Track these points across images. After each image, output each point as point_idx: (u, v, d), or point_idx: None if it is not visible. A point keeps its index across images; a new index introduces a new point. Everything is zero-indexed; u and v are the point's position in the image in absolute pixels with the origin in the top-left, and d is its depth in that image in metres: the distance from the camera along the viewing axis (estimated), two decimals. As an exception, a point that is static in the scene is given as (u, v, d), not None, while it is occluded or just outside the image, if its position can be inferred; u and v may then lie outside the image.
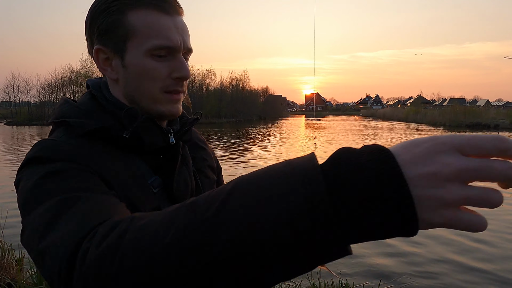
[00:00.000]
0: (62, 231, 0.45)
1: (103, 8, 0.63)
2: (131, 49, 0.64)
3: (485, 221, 0.33)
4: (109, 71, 0.67)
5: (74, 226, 0.45)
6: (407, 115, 47.85)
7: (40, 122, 45.83)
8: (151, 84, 0.66)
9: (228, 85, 59.31)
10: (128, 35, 0.63)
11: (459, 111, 36.71)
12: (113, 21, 0.63)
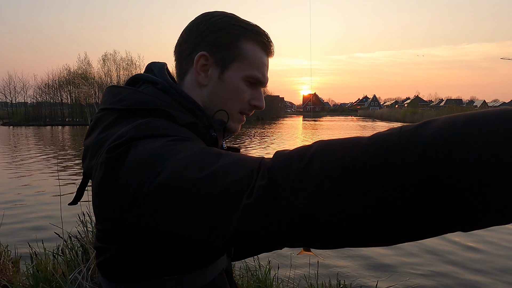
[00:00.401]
0: (233, 158, 0.50)
1: (224, 26, 0.73)
2: (233, 69, 0.74)
3: None
4: (202, 76, 0.74)
5: (245, 156, 0.51)
6: (404, 115, 48.03)
7: (37, 123, 45.63)
8: (235, 103, 0.76)
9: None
10: (237, 57, 0.73)
11: (456, 111, 36.07)
12: (230, 41, 0.72)
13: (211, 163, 0.50)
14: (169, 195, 0.50)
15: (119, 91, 0.71)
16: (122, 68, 50.31)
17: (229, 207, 0.46)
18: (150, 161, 0.54)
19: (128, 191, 0.55)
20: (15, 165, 11.60)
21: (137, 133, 0.60)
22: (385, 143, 0.38)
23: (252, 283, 2.68)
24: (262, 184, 0.44)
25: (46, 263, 2.79)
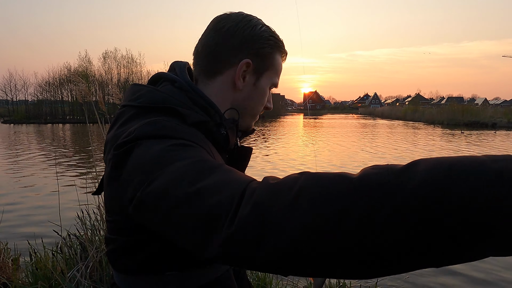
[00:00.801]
0: (222, 177, 0.51)
1: (266, 37, 0.78)
2: (265, 77, 0.80)
3: None
4: (241, 81, 0.77)
5: (238, 174, 0.52)
6: (405, 113, 47.93)
7: (38, 121, 45.63)
8: (260, 106, 0.84)
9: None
10: (269, 67, 0.80)
11: (457, 109, 36.81)
12: (269, 53, 0.79)
13: (202, 178, 0.51)
14: (158, 205, 0.53)
15: (138, 89, 0.75)
16: (123, 66, 50.31)
17: (211, 230, 0.46)
18: (148, 165, 0.57)
19: (127, 190, 0.59)
20: (15, 163, 11.61)
21: (142, 133, 0.62)
22: (375, 187, 0.39)
23: (252, 282, 2.68)
24: (245, 214, 0.43)
25: (45, 261, 2.79)
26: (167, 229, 0.53)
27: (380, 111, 66.48)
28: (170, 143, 0.59)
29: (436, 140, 18.68)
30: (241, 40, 0.76)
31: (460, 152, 13.58)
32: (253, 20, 0.78)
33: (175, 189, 0.51)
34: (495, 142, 17.81)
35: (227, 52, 0.76)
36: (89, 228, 2.62)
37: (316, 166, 10.52)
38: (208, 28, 0.79)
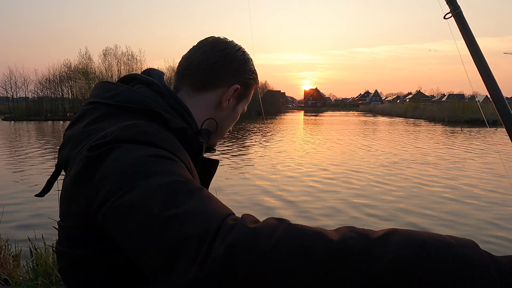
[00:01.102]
0: (198, 205, 0.49)
1: (253, 70, 0.89)
2: (242, 103, 0.90)
3: None
4: (227, 102, 0.84)
5: (215, 204, 0.51)
6: (406, 110, 47.83)
7: (38, 118, 45.61)
8: (229, 128, 0.92)
9: (226, 81, 59.09)
10: (247, 96, 0.90)
11: (458, 106, 36.72)
12: (252, 84, 0.89)
13: (177, 203, 0.49)
14: (127, 219, 0.50)
15: (112, 87, 0.72)
16: (123, 63, 50.22)
17: (177, 261, 0.44)
18: (125, 172, 0.54)
19: (98, 193, 0.56)
20: (15, 160, 11.62)
21: (122, 135, 0.59)
22: (352, 253, 0.42)
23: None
24: (219, 256, 0.42)
25: (46, 257, 2.80)
26: (130, 247, 0.51)
27: (381, 108, 66.33)
28: (151, 152, 0.57)
29: (435, 138, 18.64)
30: (238, 67, 0.84)
31: (457, 150, 13.55)
32: (246, 52, 0.87)
33: (148, 208, 0.49)
34: (494, 139, 17.77)
35: (226, 73, 0.82)
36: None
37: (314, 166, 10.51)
38: (205, 46, 0.83)
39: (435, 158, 11.30)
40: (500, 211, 5.82)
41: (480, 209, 5.94)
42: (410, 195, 6.85)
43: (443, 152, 12.83)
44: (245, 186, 7.62)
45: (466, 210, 5.90)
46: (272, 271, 0.42)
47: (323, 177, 8.51)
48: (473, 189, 7.30)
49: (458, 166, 9.89)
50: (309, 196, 6.83)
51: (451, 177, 8.44)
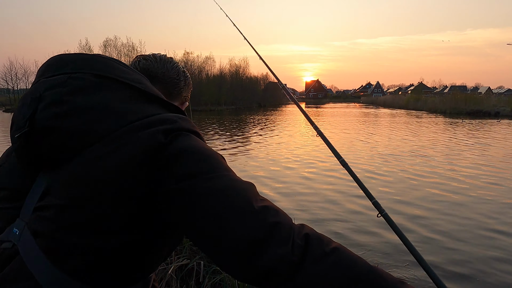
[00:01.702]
0: (273, 205, 0.62)
1: (190, 85, 1.06)
2: (182, 106, 1.04)
3: None
4: (177, 103, 1.01)
5: (284, 216, 0.62)
6: (408, 102, 47.60)
7: (39, 109, 45.52)
8: None
9: (227, 72, 58.85)
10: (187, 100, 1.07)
11: (460, 98, 36.51)
12: (190, 95, 1.08)
13: (261, 198, 0.62)
14: (217, 200, 0.58)
15: (129, 71, 0.76)
16: (123, 54, 49.92)
17: (267, 243, 0.56)
18: (206, 158, 0.63)
19: (171, 171, 0.61)
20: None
21: (186, 125, 0.69)
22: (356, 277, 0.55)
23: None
24: (299, 244, 0.56)
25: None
26: (209, 227, 0.57)
27: (383, 100, 66.05)
28: (213, 150, 0.69)
29: (435, 129, 18.59)
30: (186, 82, 1.03)
31: (456, 141, 13.52)
32: (186, 73, 1.05)
33: (242, 195, 0.60)
34: (497, 130, 17.72)
35: (181, 87, 1.01)
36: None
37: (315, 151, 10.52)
38: (164, 61, 0.97)
39: (432, 150, 11.28)
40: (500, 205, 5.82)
41: (479, 202, 5.95)
42: (406, 186, 6.86)
43: (442, 143, 12.81)
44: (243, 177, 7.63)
45: (460, 200, 5.91)
46: (328, 272, 0.55)
47: (322, 169, 8.52)
48: (472, 181, 7.30)
49: (455, 158, 9.89)
50: (305, 187, 6.84)
51: (450, 169, 8.44)
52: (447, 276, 3.47)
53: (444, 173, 7.97)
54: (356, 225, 4.78)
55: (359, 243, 4.22)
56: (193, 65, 53.58)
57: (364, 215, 5.13)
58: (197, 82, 49.65)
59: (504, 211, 5.38)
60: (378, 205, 1.23)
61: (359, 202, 5.67)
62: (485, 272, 3.56)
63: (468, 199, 5.99)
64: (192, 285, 2.47)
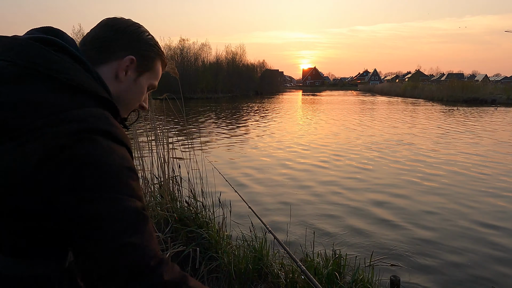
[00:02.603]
0: (149, 241, 0.64)
1: (151, 44, 0.89)
2: (145, 77, 0.89)
3: None
4: (123, 74, 0.84)
5: (154, 243, 0.66)
6: (405, 90, 47.56)
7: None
8: (136, 102, 0.91)
9: (224, 59, 58.19)
10: (150, 69, 0.90)
11: (457, 86, 36.53)
12: (152, 57, 0.89)
13: (136, 231, 0.63)
14: (89, 225, 0.60)
15: (59, 60, 0.70)
16: (118, 41, 49.15)
17: (115, 276, 0.61)
18: (99, 175, 0.62)
19: (63, 182, 0.60)
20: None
21: (96, 126, 0.65)
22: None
23: (249, 253, 2.72)
24: None
25: None
26: (80, 244, 0.61)
27: (380, 87, 65.91)
28: (126, 164, 0.66)
29: (430, 117, 18.64)
30: (129, 39, 0.85)
31: (450, 128, 13.57)
32: (142, 27, 0.89)
33: (112, 227, 0.61)
34: (493, 118, 17.79)
35: (116, 46, 0.83)
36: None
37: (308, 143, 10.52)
38: (99, 24, 0.86)
39: (419, 138, 11.33)
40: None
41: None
42: (391, 176, 6.90)
43: (435, 130, 12.86)
44: (237, 166, 7.64)
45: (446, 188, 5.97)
46: None
47: (318, 160, 8.55)
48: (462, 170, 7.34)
49: (446, 144, 9.94)
50: (294, 180, 6.86)
51: (442, 159, 8.48)
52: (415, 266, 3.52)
53: (426, 160, 8.01)
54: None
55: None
56: (189, 52, 52.91)
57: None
58: (193, 69, 49.19)
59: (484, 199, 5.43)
60: None
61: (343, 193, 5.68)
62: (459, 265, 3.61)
63: (448, 187, 6.04)
64: (189, 271, 2.48)
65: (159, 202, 2.71)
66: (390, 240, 3.97)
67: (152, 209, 2.62)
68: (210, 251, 2.62)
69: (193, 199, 2.89)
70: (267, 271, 2.63)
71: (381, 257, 3.55)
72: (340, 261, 2.69)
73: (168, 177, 2.80)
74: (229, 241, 2.94)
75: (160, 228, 2.52)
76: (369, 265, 3.02)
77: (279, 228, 4.08)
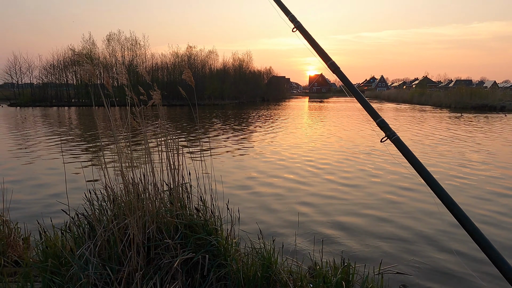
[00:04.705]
0: None
1: None
2: None
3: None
4: None
5: None
6: (412, 96, 47.30)
7: (44, 104, 45.91)
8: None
9: (231, 66, 58.63)
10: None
11: (465, 92, 36.24)
12: None
13: None
14: None
15: None
16: (126, 48, 49.85)
17: None
18: None
19: None
20: (23, 145, 11.72)
21: None
22: None
23: (257, 261, 2.72)
24: None
25: (55, 240, 2.84)
26: None
27: (387, 94, 65.62)
28: None
29: (436, 123, 18.47)
30: None
31: (455, 135, 13.42)
32: None
33: None
34: (503, 125, 17.57)
35: None
36: (97, 208, 2.65)
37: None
38: None
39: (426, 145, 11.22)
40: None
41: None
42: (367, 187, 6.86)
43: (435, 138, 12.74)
44: (240, 171, 7.65)
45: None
46: None
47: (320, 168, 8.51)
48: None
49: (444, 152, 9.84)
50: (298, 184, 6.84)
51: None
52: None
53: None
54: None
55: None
56: (197, 59, 53.41)
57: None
58: (201, 76, 49.53)
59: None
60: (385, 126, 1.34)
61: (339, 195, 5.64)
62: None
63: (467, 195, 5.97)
64: (197, 278, 2.48)
65: (169, 209, 2.73)
66: (400, 249, 3.93)
67: (162, 216, 2.64)
68: (219, 258, 2.63)
69: (202, 206, 2.91)
70: (276, 278, 2.63)
71: (390, 265, 3.52)
72: (349, 269, 2.67)
73: (177, 184, 2.82)
74: (238, 248, 2.94)
75: (170, 234, 2.54)
76: (378, 274, 2.99)
77: (287, 236, 4.07)
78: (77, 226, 2.70)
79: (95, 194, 2.79)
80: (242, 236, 3.32)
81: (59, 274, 2.50)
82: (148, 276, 2.32)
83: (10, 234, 3.25)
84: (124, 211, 2.46)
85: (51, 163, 8.62)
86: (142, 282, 2.29)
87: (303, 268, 2.87)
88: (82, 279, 2.30)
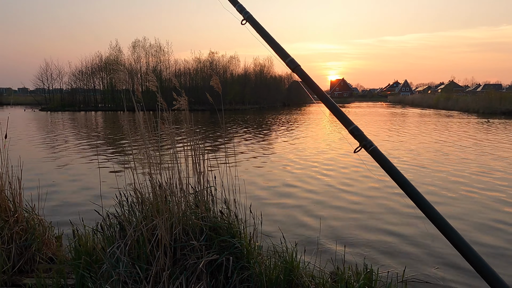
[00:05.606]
0: None
1: None
2: None
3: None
4: None
5: None
6: (437, 101, 46.00)
7: (72, 108, 47.79)
8: None
9: (252, 72, 59.02)
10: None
11: (495, 97, 34.90)
12: None
13: None
14: None
15: None
16: (151, 54, 51.21)
17: None
18: None
19: None
20: (56, 148, 12.25)
21: None
22: None
23: (280, 264, 2.76)
24: None
25: (87, 238, 2.99)
26: None
27: (411, 99, 64.13)
28: None
29: (463, 130, 17.87)
30: None
31: (483, 143, 12.94)
32: None
33: None
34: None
35: None
36: (127, 209, 2.78)
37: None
38: None
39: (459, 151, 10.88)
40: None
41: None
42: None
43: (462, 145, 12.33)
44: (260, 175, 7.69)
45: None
46: None
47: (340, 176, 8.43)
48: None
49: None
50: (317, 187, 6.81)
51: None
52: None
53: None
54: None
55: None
56: (218, 65, 54.13)
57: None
58: (222, 81, 49.95)
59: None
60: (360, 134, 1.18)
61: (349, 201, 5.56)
62: None
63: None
64: (221, 279, 2.55)
65: (194, 211, 2.82)
66: (425, 257, 3.86)
67: (187, 218, 2.73)
68: (242, 260, 2.69)
69: (226, 209, 2.98)
70: (298, 282, 2.66)
71: (414, 273, 3.46)
72: (371, 275, 2.67)
73: (203, 187, 2.91)
74: (260, 251, 2.99)
75: (195, 236, 2.62)
76: (402, 281, 2.96)
77: (310, 240, 4.08)
78: (108, 226, 2.83)
79: (125, 196, 2.92)
80: (265, 239, 3.36)
81: (92, 271, 2.63)
82: (175, 276, 2.41)
83: (45, 233, 3.44)
84: (152, 213, 2.57)
85: (84, 166, 8.98)
86: (169, 282, 2.38)
87: (325, 273, 2.89)
88: (113, 276, 2.41)
